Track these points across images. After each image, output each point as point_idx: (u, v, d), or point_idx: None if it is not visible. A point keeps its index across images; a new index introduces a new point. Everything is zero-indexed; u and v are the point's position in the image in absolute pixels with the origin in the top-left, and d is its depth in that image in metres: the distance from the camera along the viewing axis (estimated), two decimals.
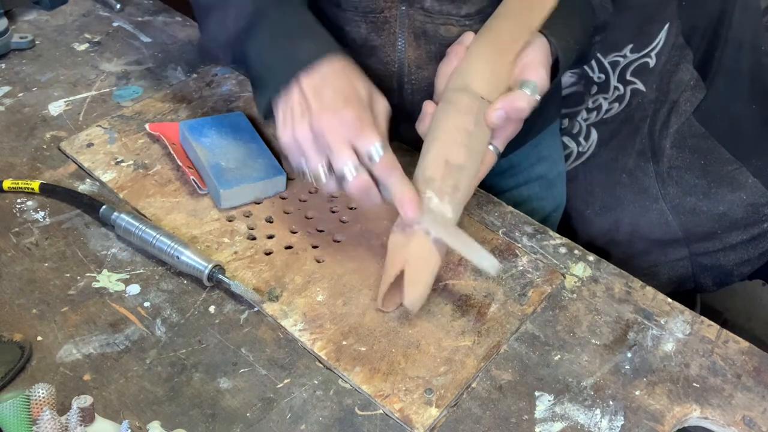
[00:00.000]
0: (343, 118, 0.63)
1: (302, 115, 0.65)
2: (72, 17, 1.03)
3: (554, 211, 1.05)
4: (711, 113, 1.10)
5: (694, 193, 1.11)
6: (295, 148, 0.66)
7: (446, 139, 0.67)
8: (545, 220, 1.01)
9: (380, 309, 0.67)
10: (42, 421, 0.51)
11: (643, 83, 1.13)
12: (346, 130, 0.63)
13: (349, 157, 0.63)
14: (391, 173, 0.64)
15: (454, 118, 0.67)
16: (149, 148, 0.82)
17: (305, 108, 0.65)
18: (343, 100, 0.64)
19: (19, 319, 0.64)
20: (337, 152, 0.63)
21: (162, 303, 0.67)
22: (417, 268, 0.65)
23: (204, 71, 0.95)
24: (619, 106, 1.15)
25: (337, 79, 0.65)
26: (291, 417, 0.59)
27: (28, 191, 0.75)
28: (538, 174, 0.99)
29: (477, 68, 0.69)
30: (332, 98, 0.64)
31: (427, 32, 0.76)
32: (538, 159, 0.98)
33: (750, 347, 0.68)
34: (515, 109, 0.66)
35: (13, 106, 0.87)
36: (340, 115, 0.63)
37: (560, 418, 0.61)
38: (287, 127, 0.66)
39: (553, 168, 1.02)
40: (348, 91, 0.65)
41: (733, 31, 1.08)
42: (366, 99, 0.66)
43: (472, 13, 0.75)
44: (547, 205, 1.02)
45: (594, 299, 0.71)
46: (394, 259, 0.66)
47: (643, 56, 1.12)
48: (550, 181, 1.01)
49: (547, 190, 1.01)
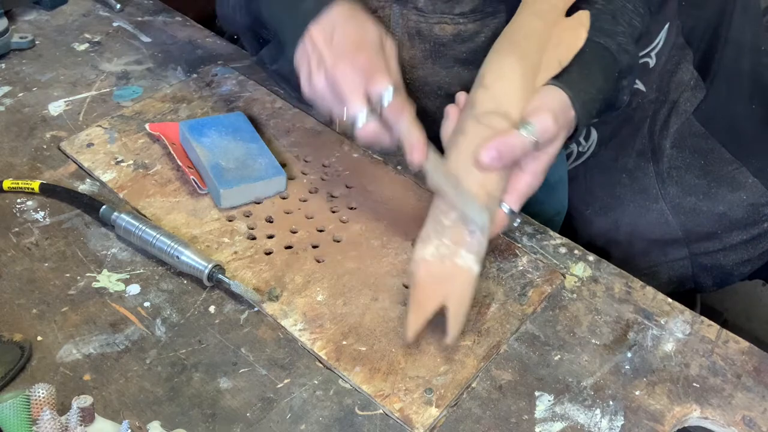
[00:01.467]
0: (354, 63, 0.64)
1: (318, 66, 0.66)
2: (72, 17, 1.03)
3: (555, 216, 1.04)
4: (711, 113, 1.10)
5: (694, 193, 1.11)
6: (318, 99, 0.67)
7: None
8: (546, 224, 1.01)
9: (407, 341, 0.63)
10: (42, 421, 0.51)
11: (643, 83, 1.12)
12: (358, 76, 0.64)
13: (360, 105, 0.64)
14: (400, 117, 0.64)
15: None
16: (149, 148, 0.82)
17: (320, 59, 0.66)
18: (354, 47, 0.65)
19: (19, 319, 0.64)
20: (349, 101, 0.64)
21: (162, 303, 0.67)
22: (461, 306, 0.63)
23: (204, 71, 0.95)
24: None
25: (346, 25, 0.66)
26: (291, 417, 0.59)
27: (28, 191, 0.75)
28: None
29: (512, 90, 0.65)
30: (344, 45, 0.65)
31: (422, 31, 0.76)
32: None
33: (750, 347, 0.68)
34: (508, 148, 0.62)
35: (13, 106, 0.87)
36: (353, 61, 0.64)
37: (560, 418, 0.61)
38: (306, 81, 0.67)
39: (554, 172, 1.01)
40: (358, 35, 0.66)
41: (733, 31, 1.08)
42: (377, 42, 0.67)
43: (466, 11, 0.75)
44: (547, 209, 1.02)
45: (594, 299, 0.71)
46: (431, 292, 0.62)
47: (643, 56, 1.11)
48: (551, 185, 1.01)
49: (548, 194, 1.01)
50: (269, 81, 0.93)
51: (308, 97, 0.69)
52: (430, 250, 0.63)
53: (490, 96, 0.65)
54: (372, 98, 0.64)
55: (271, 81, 0.93)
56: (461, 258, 0.63)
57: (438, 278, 0.63)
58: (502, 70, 0.66)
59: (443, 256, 0.63)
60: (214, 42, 1.00)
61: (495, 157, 0.62)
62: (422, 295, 0.63)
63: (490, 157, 0.62)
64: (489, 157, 0.62)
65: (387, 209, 0.78)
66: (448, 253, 0.63)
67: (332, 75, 0.65)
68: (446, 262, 0.63)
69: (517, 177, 0.65)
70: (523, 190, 0.66)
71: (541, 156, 0.65)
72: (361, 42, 0.65)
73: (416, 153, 0.63)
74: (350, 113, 0.64)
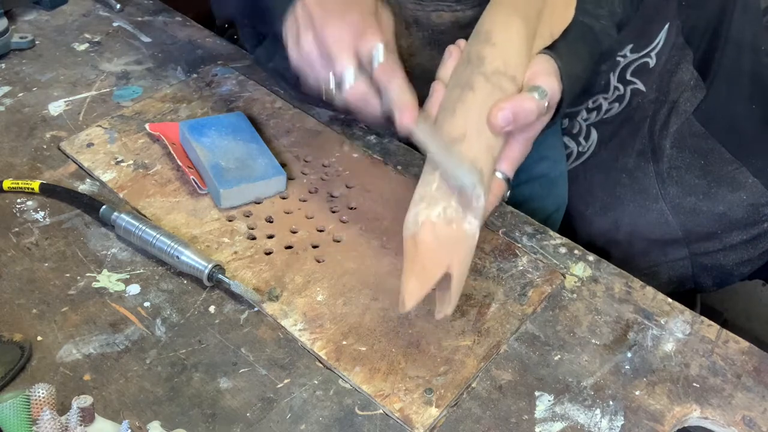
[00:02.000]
0: (344, 20, 0.61)
1: (306, 28, 0.63)
2: (72, 17, 1.03)
3: (555, 212, 1.05)
4: (711, 113, 1.10)
5: (694, 193, 1.11)
6: (305, 65, 0.64)
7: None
8: (546, 220, 1.01)
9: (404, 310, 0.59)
10: (42, 421, 0.51)
11: (643, 83, 1.12)
12: (347, 34, 0.61)
13: (348, 62, 0.60)
14: (391, 78, 0.60)
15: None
16: (149, 148, 0.82)
17: (309, 20, 0.63)
18: (346, 6, 0.62)
19: (19, 319, 0.64)
20: (337, 57, 0.60)
21: (162, 303, 0.67)
22: (463, 276, 0.59)
23: (204, 71, 0.95)
24: (619, 106, 1.15)
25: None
26: (291, 417, 0.59)
27: (28, 191, 0.75)
28: (539, 173, 0.98)
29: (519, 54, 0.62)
30: (335, 5, 0.62)
31: (419, 19, 0.75)
32: (540, 158, 0.98)
33: (750, 347, 0.68)
34: (523, 111, 0.60)
35: (13, 106, 0.87)
36: (343, 18, 0.61)
37: (560, 418, 0.61)
38: (294, 43, 0.64)
39: (555, 167, 1.01)
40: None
41: (733, 31, 1.08)
42: (371, 5, 0.64)
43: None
44: (548, 205, 1.02)
45: (594, 299, 0.71)
46: (437, 258, 0.58)
47: (643, 56, 1.12)
48: (551, 180, 1.01)
49: (549, 189, 1.01)
50: (269, 81, 0.93)
51: (295, 64, 0.65)
52: (436, 211, 0.59)
53: (499, 54, 0.62)
54: (362, 57, 0.61)
55: (271, 81, 0.93)
56: (468, 223, 0.59)
57: (444, 243, 0.58)
58: (509, 31, 0.63)
59: (451, 219, 0.59)
60: (214, 42, 1.00)
61: (509, 119, 0.60)
62: (427, 260, 0.58)
63: (504, 119, 0.59)
64: (503, 118, 0.59)
65: (387, 209, 0.78)
66: (456, 216, 0.59)
67: (320, 33, 0.61)
68: (453, 226, 0.58)
69: (511, 145, 0.63)
70: (517, 158, 0.63)
71: (535, 124, 0.63)
72: (353, 2, 0.62)
73: (407, 115, 0.59)
74: (337, 72, 0.60)
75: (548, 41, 0.65)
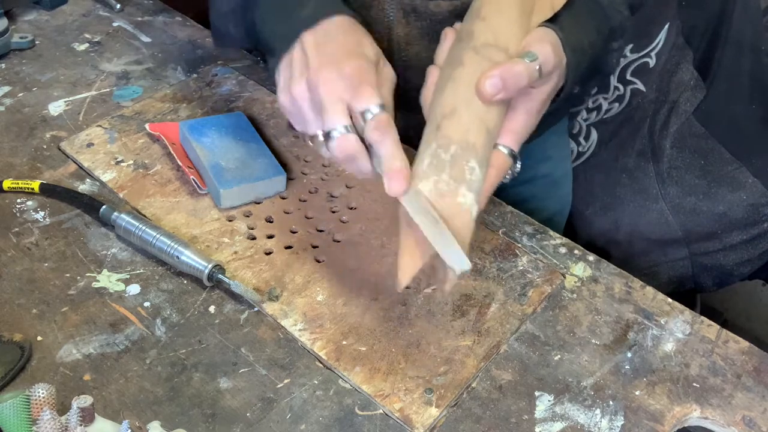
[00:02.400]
0: (342, 71, 0.58)
1: (301, 73, 0.60)
2: (72, 17, 1.03)
3: (558, 213, 1.04)
4: (711, 113, 1.10)
5: (694, 193, 1.11)
6: (294, 110, 0.61)
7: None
8: (550, 220, 1.00)
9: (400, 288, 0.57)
10: (42, 421, 0.51)
11: (643, 83, 1.12)
12: (342, 85, 0.57)
13: (339, 117, 0.57)
14: (384, 137, 0.57)
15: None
16: (149, 148, 0.82)
17: (305, 65, 0.59)
18: (345, 54, 0.59)
19: (19, 319, 0.64)
20: (328, 110, 0.57)
21: (162, 303, 0.67)
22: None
23: (204, 71, 0.95)
24: (619, 106, 1.15)
25: (343, 36, 0.60)
26: (291, 417, 0.59)
27: (28, 191, 0.75)
28: (542, 173, 0.98)
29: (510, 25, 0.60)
30: (334, 52, 0.59)
31: (417, 9, 0.74)
32: (544, 157, 0.97)
33: (750, 347, 0.68)
34: (512, 75, 0.57)
35: (13, 106, 0.87)
36: (339, 68, 0.58)
37: (560, 418, 0.61)
38: (285, 86, 0.61)
39: (559, 168, 1.01)
40: (353, 46, 0.60)
41: (733, 31, 1.08)
42: (373, 58, 0.61)
43: None
44: (550, 205, 1.01)
45: (594, 299, 0.71)
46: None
47: (643, 56, 1.12)
48: (554, 180, 1.00)
49: (552, 189, 1.01)
50: (269, 81, 0.93)
51: (282, 106, 0.62)
52: (427, 186, 0.57)
53: (488, 27, 0.60)
54: (354, 113, 0.58)
55: (270, 81, 0.93)
56: (462, 196, 0.57)
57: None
58: (499, 5, 0.61)
59: (442, 193, 0.57)
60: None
61: (498, 86, 0.56)
62: (420, 235, 0.56)
63: (493, 86, 0.56)
64: (492, 85, 0.56)
65: (387, 209, 0.78)
66: (447, 190, 0.57)
67: (314, 80, 0.58)
68: (446, 200, 0.57)
69: (512, 117, 0.60)
70: (520, 130, 0.60)
71: (535, 94, 0.61)
72: (353, 51, 0.59)
73: (395, 183, 0.56)
74: (327, 125, 0.57)
75: (549, 14, 0.63)
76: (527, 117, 0.61)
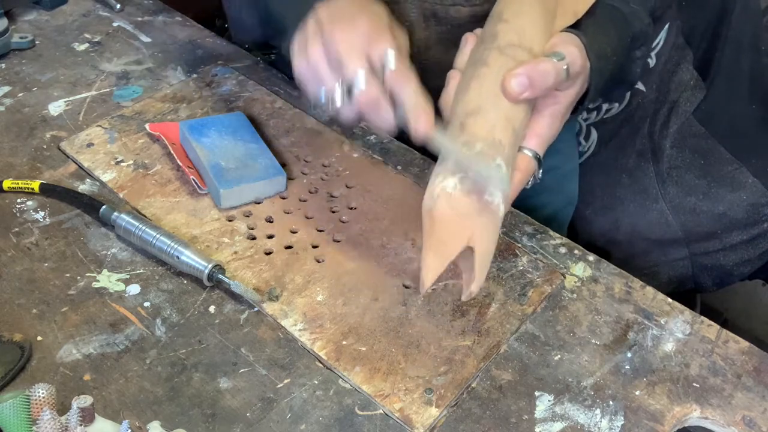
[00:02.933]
0: (356, 26, 0.58)
1: (314, 36, 0.60)
2: (72, 17, 1.03)
3: (565, 208, 1.04)
4: (711, 113, 1.10)
5: (694, 193, 1.11)
6: (310, 75, 0.61)
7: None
8: (556, 215, 1.00)
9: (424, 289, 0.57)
10: (42, 421, 0.51)
11: (643, 83, 1.12)
12: (358, 38, 0.58)
13: (360, 65, 0.57)
14: (405, 83, 0.58)
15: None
16: (149, 148, 0.82)
17: (318, 30, 0.60)
18: (359, 12, 0.60)
19: (19, 319, 0.64)
20: (347, 60, 0.58)
21: (162, 303, 0.67)
22: (488, 249, 0.56)
23: (204, 71, 0.95)
24: (619, 106, 1.15)
25: (356, 6, 0.61)
26: (291, 417, 0.59)
27: (28, 191, 0.75)
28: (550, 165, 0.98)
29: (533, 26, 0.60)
30: (345, 12, 0.60)
31: (437, 13, 0.74)
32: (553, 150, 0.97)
33: (750, 347, 0.68)
34: (539, 74, 0.57)
35: (13, 106, 0.87)
36: (353, 24, 0.59)
37: (560, 418, 0.61)
38: (301, 53, 0.61)
39: (567, 162, 1.01)
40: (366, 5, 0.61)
41: (733, 31, 1.08)
42: (384, 17, 0.61)
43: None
44: (557, 199, 1.01)
45: (594, 299, 0.71)
46: (455, 230, 0.55)
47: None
48: (563, 174, 1.01)
49: (559, 183, 1.01)
50: (269, 81, 0.93)
51: (298, 73, 0.62)
52: (451, 183, 0.56)
53: (512, 29, 0.60)
54: (373, 62, 0.58)
55: (270, 81, 0.93)
56: (489, 194, 0.56)
57: (463, 214, 0.55)
58: (522, 8, 0.61)
59: (468, 190, 0.56)
60: (214, 42, 1.00)
61: (525, 84, 0.56)
62: (445, 233, 0.55)
63: (519, 84, 0.56)
64: (519, 84, 0.56)
65: (387, 209, 0.78)
66: (473, 187, 0.56)
67: (329, 38, 0.59)
68: (472, 197, 0.55)
69: (537, 120, 0.60)
70: (545, 134, 0.60)
71: (561, 97, 0.61)
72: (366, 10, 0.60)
73: (422, 122, 0.57)
74: (348, 76, 0.57)
75: (571, 20, 0.62)
76: (552, 121, 0.61)
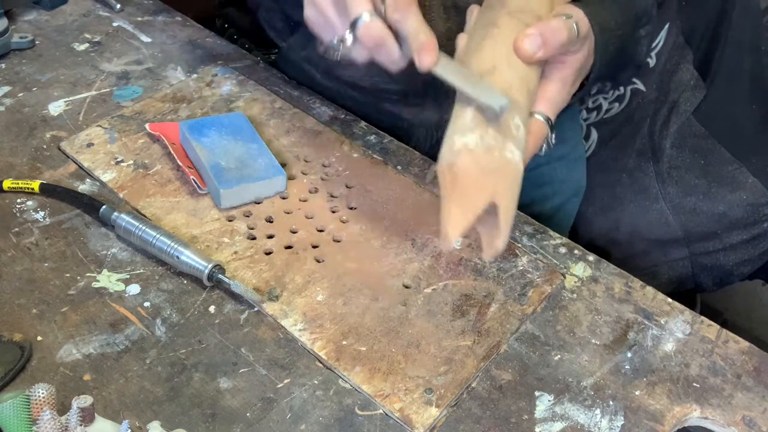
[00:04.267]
0: None
1: None
2: (72, 17, 1.03)
3: (574, 196, 1.04)
4: (711, 113, 1.10)
5: (694, 193, 1.11)
6: (319, 19, 0.62)
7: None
8: (565, 204, 1.00)
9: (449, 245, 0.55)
10: (42, 421, 0.51)
11: (643, 83, 1.12)
12: None
13: (363, 4, 0.58)
14: (406, 15, 0.58)
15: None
16: (149, 148, 0.82)
17: None
18: None
19: (19, 319, 0.64)
20: (352, 3, 0.58)
21: (162, 303, 0.67)
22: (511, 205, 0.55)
23: (204, 71, 0.95)
24: (619, 106, 1.15)
25: None
26: (291, 417, 0.59)
27: (28, 191, 0.75)
28: (559, 154, 0.98)
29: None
30: None
31: (458, 4, 0.75)
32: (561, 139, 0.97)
33: (750, 347, 0.68)
34: (552, 32, 0.57)
35: (13, 106, 0.87)
36: None
37: (560, 418, 0.61)
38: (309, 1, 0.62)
39: (574, 149, 1.01)
40: None
41: (733, 31, 1.08)
42: None
43: None
44: (567, 188, 1.01)
45: (594, 299, 0.71)
46: (479, 184, 0.54)
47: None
48: (571, 162, 1.01)
49: (568, 171, 1.01)
50: (269, 81, 0.93)
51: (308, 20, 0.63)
52: (473, 139, 0.55)
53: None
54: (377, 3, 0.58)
55: (270, 81, 0.93)
56: (510, 152, 0.55)
57: (486, 169, 0.54)
58: None
59: (490, 147, 0.55)
60: (214, 42, 1.00)
61: (538, 43, 0.57)
62: (469, 187, 0.54)
63: (533, 44, 0.57)
64: (532, 43, 0.57)
65: (387, 209, 0.78)
66: (494, 144, 0.55)
67: None
68: (494, 154, 0.55)
69: (546, 85, 0.61)
70: (555, 98, 0.61)
71: (570, 61, 0.61)
72: None
73: (426, 54, 0.57)
74: (353, 14, 0.58)
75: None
76: (562, 85, 0.61)
